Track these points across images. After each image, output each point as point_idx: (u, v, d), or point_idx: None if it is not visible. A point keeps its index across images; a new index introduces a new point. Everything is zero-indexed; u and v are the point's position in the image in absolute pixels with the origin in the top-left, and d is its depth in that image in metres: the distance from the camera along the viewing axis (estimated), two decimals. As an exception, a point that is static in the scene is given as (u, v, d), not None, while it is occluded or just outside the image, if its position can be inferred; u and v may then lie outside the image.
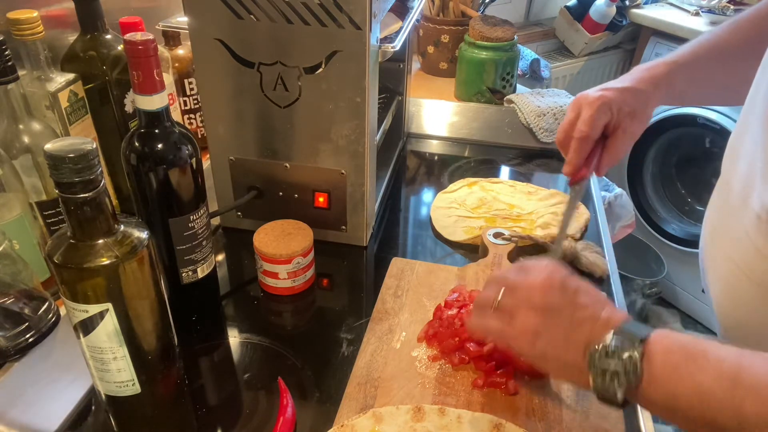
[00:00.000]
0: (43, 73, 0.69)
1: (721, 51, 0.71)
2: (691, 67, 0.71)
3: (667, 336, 0.47)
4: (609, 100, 0.67)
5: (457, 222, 0.92)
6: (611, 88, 0.68)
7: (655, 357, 0.45)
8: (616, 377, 0.46)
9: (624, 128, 0.69)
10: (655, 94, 0.70)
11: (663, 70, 0.70)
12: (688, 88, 0.73)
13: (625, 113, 0.68)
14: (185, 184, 0.64)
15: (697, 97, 0.82)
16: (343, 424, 0.57)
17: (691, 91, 0.75)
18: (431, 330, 0.68)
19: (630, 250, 2.06)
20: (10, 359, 0.59)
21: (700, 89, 0.75)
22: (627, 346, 0.46)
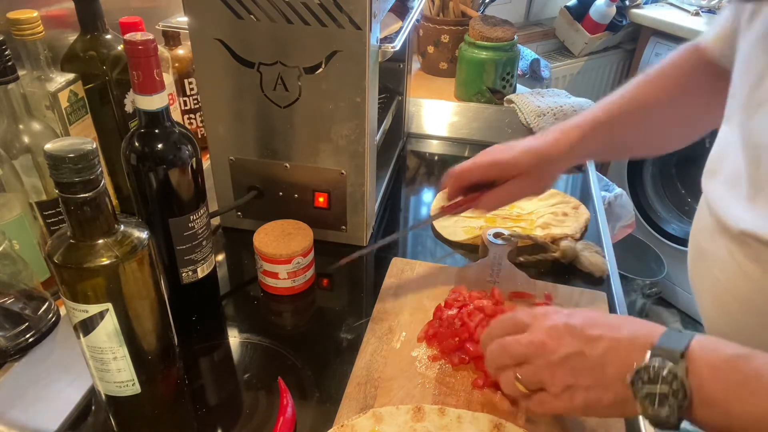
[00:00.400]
0: (43, 73, 0.69)
1: (641, 109, 0.71)
2: (607, 129, 0.70)
3: (711, 348, 0.44)
4: (504, 162, 0.69)
5: (457, 222, 0.92)
6: (518, 147, 0.69)
7: (701, 375, 0.43)
8: (665, 400, 0.43)
9: (509, 186, 0.70)
10: (562, 162, 0.71)
11: (577, 135, 0.70)
12: (604, 147, 0.74)
13: (514, 174, 0.69)
14: (185, 184, 0.64)
15: (613, 154, 0.84)
16: (343, 424, 0.57)
17: (607, 150, 0.76)
18: (431, 330, 0.68)
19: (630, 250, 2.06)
20: (10, 359, 0.59)
21: (616, 148, 0.77)
22: (668, 365, 0.43)
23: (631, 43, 2.28)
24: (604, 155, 0.79)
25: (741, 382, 0.42)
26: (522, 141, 0.71)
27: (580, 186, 1.05)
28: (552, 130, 0.72)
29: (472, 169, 0.70)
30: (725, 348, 0.44)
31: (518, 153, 0.69)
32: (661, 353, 0.44)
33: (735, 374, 0.43)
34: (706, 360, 0.43)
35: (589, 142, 0.70)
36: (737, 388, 0.42)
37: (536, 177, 0.70)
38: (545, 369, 0.49)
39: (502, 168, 0.69)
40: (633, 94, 0.72)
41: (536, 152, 0.69)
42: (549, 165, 0.70)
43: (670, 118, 0.72)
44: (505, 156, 0.69)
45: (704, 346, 0.44)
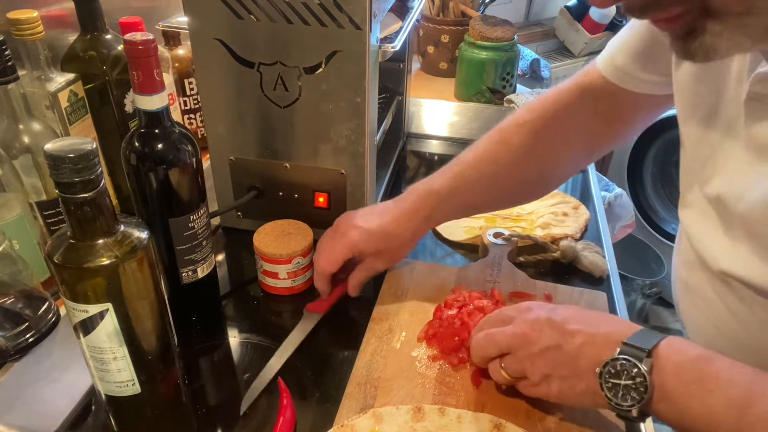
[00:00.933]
0: (43, 73, 0.69)
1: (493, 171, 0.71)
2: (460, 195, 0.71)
3: (677, 348, 0.47)
4: (355, 245, 0.69)
5: (457, 222, 0.91)
6: (366, 228, 0.69)
7: (664, 372, 0.45)
8: (627, 394, 0.46)
9: (366, 264, 0.72)
10: (415, 235, 0.72)
11: (432, 203, 0.70)
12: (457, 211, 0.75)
13: (369, 253, 0.71)
14: (185, 184, 0.64)
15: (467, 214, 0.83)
16: (343, 424, 0.57)
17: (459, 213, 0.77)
18: (431, 330, 0.68)
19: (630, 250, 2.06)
20: (10, 359, 0.59)
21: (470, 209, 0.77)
22: (634, 360, 0.46)
23: (631, 43, 2.27)
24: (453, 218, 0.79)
25: (700, 381, 0.44)
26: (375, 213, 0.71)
27: (580, 186, 1.05)
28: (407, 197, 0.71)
29: (330, 264, 0.70)
30: (691, 349, 0.47)
31: (368, 234, 0.69)
32: (629, 350, 0.47)
33: (696, 373, 0.45)
34: (671, 359, 0.46)
35: (442, 211, 0.71)
36: (697, 386, 0.44)
37: (385, 256, 0.72)
38: (526, 359, 0.53)
39: (362, 248, 0.70)
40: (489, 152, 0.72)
41: (385, 234, 0.70)
42: (401, 244, 0.72)
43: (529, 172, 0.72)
44: (359, 238, 0.69)
45: (672, 345, 0.47)
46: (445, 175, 0.71)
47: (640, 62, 0.63)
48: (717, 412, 0.43)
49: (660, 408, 0.46)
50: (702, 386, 0.44)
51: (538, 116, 0.71)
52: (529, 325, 0.54)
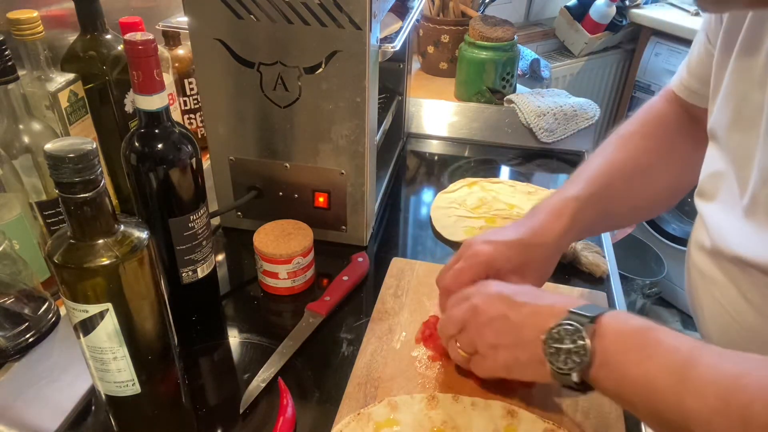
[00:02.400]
0: (43, 73, 0.69)
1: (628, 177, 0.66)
2: (598, 201, 0.64)
3: (622, 319, 0.48)
4: (489, 259, 0.60)
5: (457, 222, 0.92)
6: (501, 240, 0.61)
7: (606, 338, 0.46)
8: (569, 358, 0.47)
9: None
10: (560, 245, 0.63)
11: (571, 210, 0.62)
12: (597, 221, 0.67)
13: (508, 270, 0.61)
14: (185, 184, 0.64)
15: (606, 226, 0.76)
16: (360, 412, 0.58)
17: (599, 224, 0.69)
18: (427, 331, 0.68)
19: (630, 250, 2.06)
20: (10, 359, 0.59)
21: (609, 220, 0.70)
22: (577, 325, 0.47)
23: (631, 43, 2.28)
24: (593, 231, 0.72)
25: (641, 347, 0.45)
26: (508, 229, 0.63)
27: (580, 186, 1.05)
28: (542, 209, 0.64)
29: (456, 284, 0.61)
30: (635, 320, 0.47)
31: (506, 247, 0.61)
32: (573, 317, 0.48)
33: (637, 340, 0.45)
34: (613, 326, 0.47)
35: (582, 217, 0.63)
36: (637, 352, 0.45)
37: (528, 272, 0.62)
38: (475, 330, 0.55)
39: (500, 264, 0.61)
40: (619, 160, 0.67)
41: (526, 245, 0.61)
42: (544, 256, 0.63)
43: (661, 179, 0.69)
44: (495, 252, 0.61)
45: (616, 316, 0.48)
46: (577, 182, 0.65)
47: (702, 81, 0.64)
48: (656, 378, 0.43)
49: (600, 375, 0.46)
50: (642, 352, 0.45)
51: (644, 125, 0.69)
52: (481, 298, 0.55)
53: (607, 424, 0.58)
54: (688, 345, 0.44)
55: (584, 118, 1.16)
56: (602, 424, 0.58)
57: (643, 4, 2.15)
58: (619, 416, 0.59)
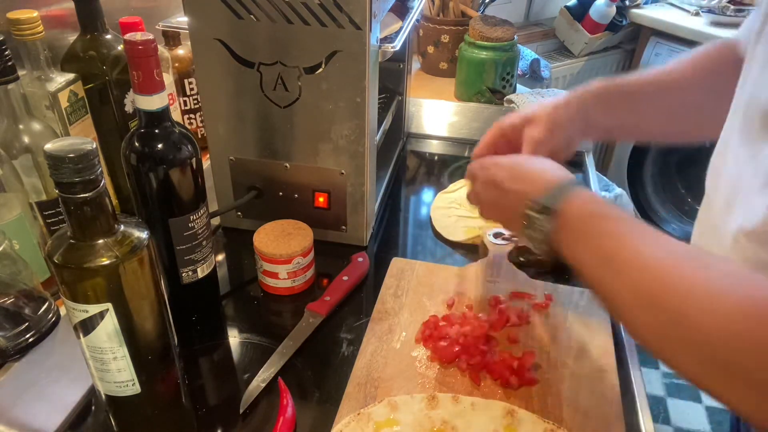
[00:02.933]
0: (43, 73, 0.69)
1: (668, 83, 0.70)
2: (631, 93, 0.70)
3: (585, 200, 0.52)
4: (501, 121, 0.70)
5: (457, 222, 0.91)
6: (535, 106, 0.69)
7: (571, 206, 0.52)
8: (540, 225, 0.53)
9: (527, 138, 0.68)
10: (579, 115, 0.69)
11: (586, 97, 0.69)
12: (625, 121, 0.72)
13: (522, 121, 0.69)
14: (185, 184, 0.64)
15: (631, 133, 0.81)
16: (360, 412, 0.58)
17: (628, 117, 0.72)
18: (427, 331, 0.68)
19: (630, 250, 2.06)
20: (10, 359, 0.59)
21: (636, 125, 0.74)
22: (553, 198, 0.53)
23: (631, 43, 2.28)
24: (620, 130, 0.76)
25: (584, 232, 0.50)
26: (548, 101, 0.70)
27: (580, 186, 1.05)
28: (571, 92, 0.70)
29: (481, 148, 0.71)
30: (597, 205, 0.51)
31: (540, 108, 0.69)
32: (555, 189, 0.54)
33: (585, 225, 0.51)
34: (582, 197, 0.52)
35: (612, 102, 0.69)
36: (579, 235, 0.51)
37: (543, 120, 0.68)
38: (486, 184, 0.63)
39: (505, 125, 0.70)
40: (662, 72, 0.71)
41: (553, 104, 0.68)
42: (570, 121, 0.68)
43: (697, 101, 0.70)
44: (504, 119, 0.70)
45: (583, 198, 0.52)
46: (617, 77, 0.70)
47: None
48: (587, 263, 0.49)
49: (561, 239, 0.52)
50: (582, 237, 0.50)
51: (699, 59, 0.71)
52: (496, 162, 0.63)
53: (607, 424, 0.58)
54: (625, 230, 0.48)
55: (584, 118, 1.15)
56: (602, 424, 0.58)
57: (643, 4, 2.15)
58: (619, 416, 0.59)
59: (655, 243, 0.46)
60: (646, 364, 2.00)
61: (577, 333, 0.70)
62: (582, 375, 0.64)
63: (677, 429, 1.78)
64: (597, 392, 0.61)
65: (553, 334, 0.69)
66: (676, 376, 1.95)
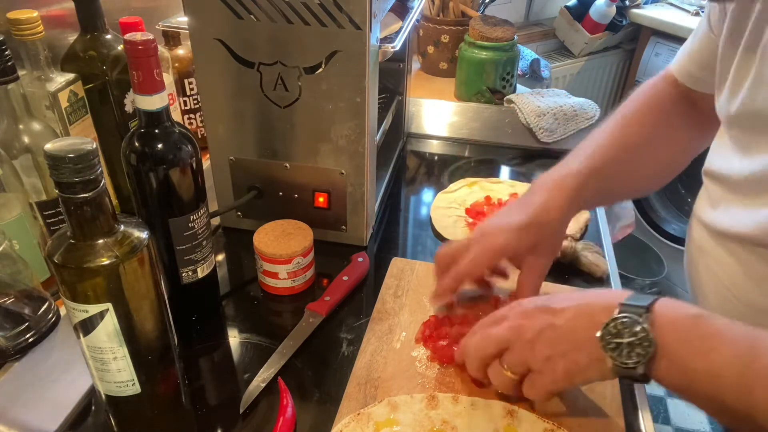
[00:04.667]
0: (43, 73, 0.69)
1: (629, 150, 0.67)
2: (599, 175, 0.65)
3: (673, 306, 0.47)
4: (504, 248, 0.63)
5: (457, 222, 0.91)
6: (511, 226, 0.63)
7: (663, 328, 0.45)
8: (632, 350, 0.46)
9: (529, 264, 0.64)
10: (564, 219, 0.65)
11: (573, 184, 0.64)
12: (598, 195, 0.68)
13: (524, 250, 0.63)
14: (185, 184, 0.64)
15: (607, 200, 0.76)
16: (360, 412, 0.58)
17: (600, 198, 0.71)
18: (427, 331, 0.68)
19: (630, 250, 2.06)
20: (10, 359, 0.59)
21: (610, 193, 0.71)
22: (634, 317, 0.46)
23: (631, 43, 2.28)
24: (594, 205, 0.74)
25: (701, 338, 0.44)
26: (514, 211, 0.65)
27: (580, 186, 1.05)
28: (542, 184, 0.65)
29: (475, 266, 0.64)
30: (688, 308, 0.46)
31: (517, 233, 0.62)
32: (627, 309, 0.47)
33: (696, 330, 0.45)
34: (668, 316, 0.46)
35: (585, 190, 0.65)
36: (697, 343, 0.44)
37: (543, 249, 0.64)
38: (526, 347, 0.52)
39: (514, 250, 0.63)
40: (620, 136, 0.68)
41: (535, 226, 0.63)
42: (552, 232, 0.64)
43: (660, 156, 0.70)
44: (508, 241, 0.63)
45: (668, 304, 0.47)
46: (579, 157, 0.66)
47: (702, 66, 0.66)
48: (721, 368, 0.43)
49: (662, 366, 0.45)
50: (704, 342, 0.44)
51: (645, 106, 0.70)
52: (521, 315, 0.54)
53: (607, 424, 0.58)
54: (748, 334, 0.44)
55: (584, 118, 1.16)
56: (602, 424, 0.58)
57: (643, 4, 2.15)
58: (619, 416, 0.59)
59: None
60: (646, 364, 2.00)
61: (577, 333, 0.70)
62: (582, 375, 0.64)
63: (677, 429, 1.78)
64: (597, 392, 0.61)
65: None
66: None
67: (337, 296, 0.75)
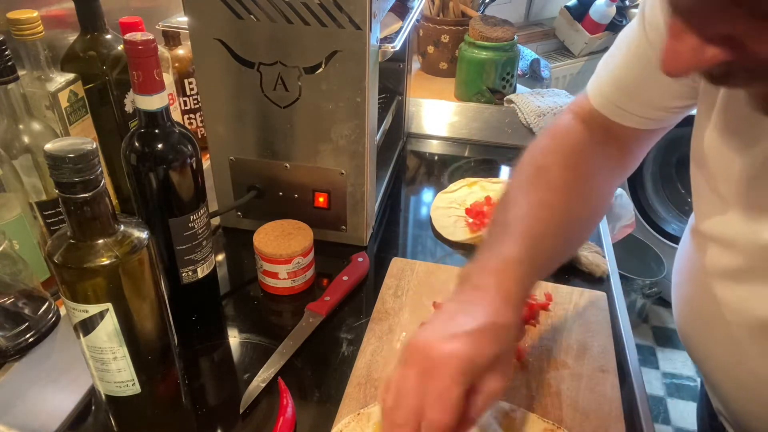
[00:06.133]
0: (43, 73, 0.69)
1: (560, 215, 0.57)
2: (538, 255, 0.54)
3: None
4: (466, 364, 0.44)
5: (457, 222, 0.92)
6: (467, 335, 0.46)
7: None
8: None
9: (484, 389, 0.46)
10: (518, 315, 0.50)
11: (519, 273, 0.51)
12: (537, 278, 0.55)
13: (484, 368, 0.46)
14: (185, 184, 0.64)
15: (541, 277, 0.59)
16: (360, 412, 0.57)
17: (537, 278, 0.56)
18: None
19: (630, 250, 2.06)
20: (10, 359, 0.59)
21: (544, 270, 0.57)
22: None
23: (631, 43, 2.27)
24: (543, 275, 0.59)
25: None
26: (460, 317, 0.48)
27: (580, 186, 1.05)
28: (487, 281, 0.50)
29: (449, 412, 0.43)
30: None
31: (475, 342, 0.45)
32: None
33: None
34: None
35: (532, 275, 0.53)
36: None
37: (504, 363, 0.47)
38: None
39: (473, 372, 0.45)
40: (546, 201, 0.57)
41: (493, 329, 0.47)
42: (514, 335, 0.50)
43: (587, 209, 0.62)
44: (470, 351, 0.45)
45: None
46: (511, 239, 0.54)
47: (631, 97, 0.60)
48: None
49: None
50: None
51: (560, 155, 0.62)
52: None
53: (607, 424, 0.58)
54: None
55: (584, 118, 1.16)
56: (602, 424, 0.58)
57: (643, 4, 2.15)
58: (619, 416, 0.59)
59: None
60: (646, 364, 2.00)
61: (577, 333, 0.70)
62: (582, 375, 0.64)
63: (677, 429, 1.78)
64: (597, 392, 0.61)
65: (553, 334, 0.69)
66: (676, 376, 1.95)
67: (337, 296, 0.75)
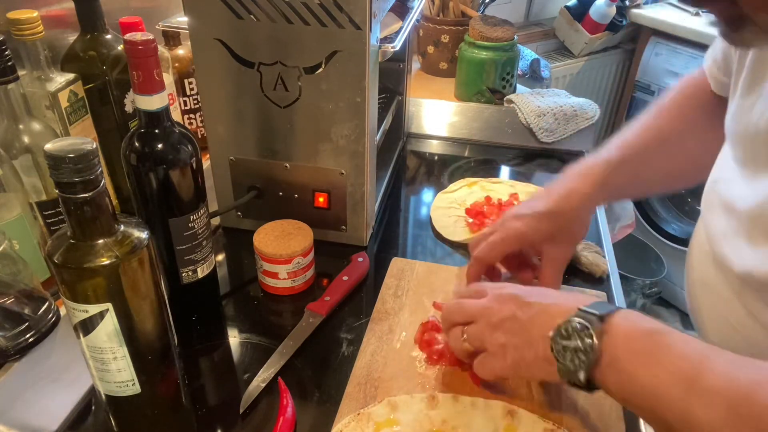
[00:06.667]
0: (43, 73, 0.69)
1: (662, 140, 0.67)
2: (630, 163, 0.66)
3: (632, 319, 0.46)
4: (520, 234, 0.64)
5: (457, 222, 0.91)
6: (531, 214, 0.65)
7: (615, 338, 0.45)
8: (575, 356, 0.46)
9: (547, 256, 0.66)
10: (587, 208, 0.65)
11: (600, 172, 0.65)
12: (628, 184, 0.68)
13: (540, 240, 0.65)
14: (185, 184, 0.64)
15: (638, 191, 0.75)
16: (360, 412, 0.58)
17: (631, 187, 0.70)
18: (426, 334, 0.68)
19: (630, 250, 2.06)
20: (10, 359, 0.59)
21: (641, 183, 0.70)
22: (585, 323, 0.46)
23: (631, 43, 2.28)
24: (625, 195, 0.73)
25: (650, 352, 0.44)
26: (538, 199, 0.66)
27: (580, 186, 1.05)
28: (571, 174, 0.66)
29: (493, 252, 0.65)
30: (645, 322, 0.46)
31: (536, 220, 0.64)
32: (582, 314, 0.47)
33: (647, 343, 0.44)
34: (624, 327, 0.46)
35: (612, 179, 0.65)
36: (646, 356, 0.44)
37: (561, 239, 0.65)
38: (486, 328, 0.54)
39: (532, 239, 0.65)
40: (652, 127, 0.68)
41: (554, 215, 0.64)
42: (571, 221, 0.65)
43: (691, 150, 0.69)
44: (526, 227, 0.64)
45: (627, 316, 0.46)
46: (611, 146, 0.67)
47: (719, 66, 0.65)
48: (663, 384, 0.42)
49: (607, 375, 0.45)
50: (651, 356, 0.43)
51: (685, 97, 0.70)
52: (496, 298, 0.55)
53: (607, 425, 0.58)
54: (699, 352, 0.43)
55: (584, 118, 1.16)
56: (602, 424, 0.58)
57: (643, 4, 2.15)
58: (619, 416, 0.59)
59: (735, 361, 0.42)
60: (646, 364, 2.00)
61: (577, 333, 0.70)
62: (582, 375, 0.64)
63: None
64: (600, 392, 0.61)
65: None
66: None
67: (337, 296, 0.75)
